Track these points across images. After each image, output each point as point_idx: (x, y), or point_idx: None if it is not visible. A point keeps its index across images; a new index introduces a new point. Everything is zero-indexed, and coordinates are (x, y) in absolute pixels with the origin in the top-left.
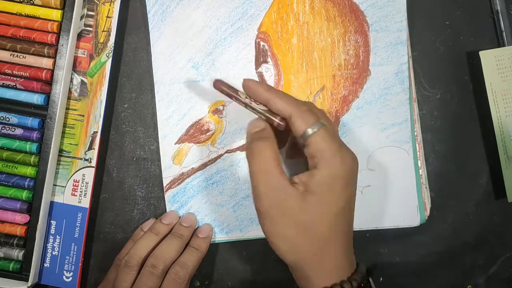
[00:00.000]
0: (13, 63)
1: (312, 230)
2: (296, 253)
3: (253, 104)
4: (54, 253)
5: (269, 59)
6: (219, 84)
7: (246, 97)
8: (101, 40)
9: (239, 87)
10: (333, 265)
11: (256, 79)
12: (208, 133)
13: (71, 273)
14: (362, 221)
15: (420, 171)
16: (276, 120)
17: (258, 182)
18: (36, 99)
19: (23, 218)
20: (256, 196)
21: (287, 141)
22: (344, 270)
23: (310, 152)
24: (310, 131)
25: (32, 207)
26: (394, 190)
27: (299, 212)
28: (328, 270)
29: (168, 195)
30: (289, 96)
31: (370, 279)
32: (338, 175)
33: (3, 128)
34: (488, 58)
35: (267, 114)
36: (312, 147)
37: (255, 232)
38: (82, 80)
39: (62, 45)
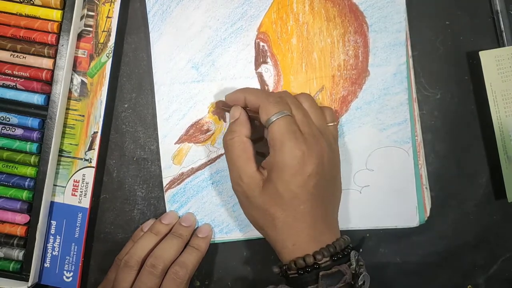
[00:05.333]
0: (13, 63)
1: (269, 213)
2: (263, 232)
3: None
4: (54, 253)
5: (268, 60)
6: (218, 104)
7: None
8: (101, 40)
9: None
10: (296, 243)
11: (256, 79)
12: (208, 133)
13: (71, 273)
14: (361, 221)
15: (420, 171)
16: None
17: (229, 169)
18: (36, 99)
19: (23, 218)
20: (231, 181)
21: None
22: (311, 246)
23: (268, 140)
24: (270, 120)
25: (32, 207)
26: (393, 190)
27: (257, 196)
28: (292, 247)
29: (168, 195)
30: (260, 91)
31: (353, 253)
32: (285, 163)
33: (3, 128)
34: (488, 58)
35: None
36: (269, 136)
37: (255, 232)
38: (82, 80)
39: (62, 45)
